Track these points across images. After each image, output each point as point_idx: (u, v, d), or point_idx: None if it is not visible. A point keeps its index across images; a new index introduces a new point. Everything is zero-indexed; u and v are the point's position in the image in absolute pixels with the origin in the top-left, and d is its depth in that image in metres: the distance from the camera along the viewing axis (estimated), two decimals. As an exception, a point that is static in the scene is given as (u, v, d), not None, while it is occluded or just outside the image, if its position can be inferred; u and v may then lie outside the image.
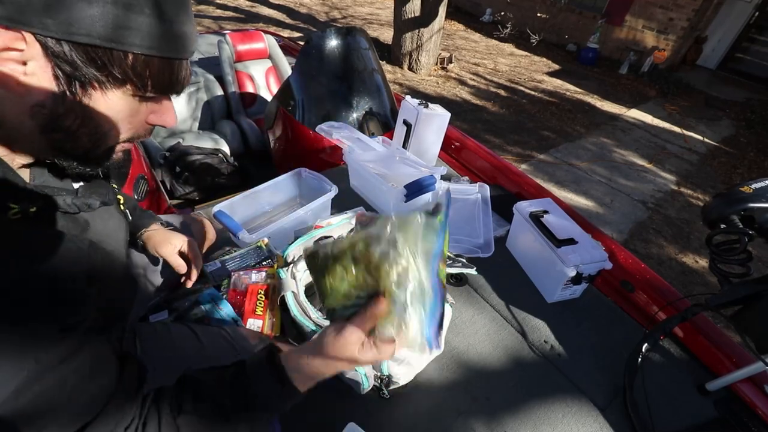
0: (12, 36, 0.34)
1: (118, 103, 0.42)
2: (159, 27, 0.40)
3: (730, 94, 6.16)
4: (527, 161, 3.65)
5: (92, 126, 0.42)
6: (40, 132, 0.40)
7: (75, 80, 0.38)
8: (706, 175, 3.95)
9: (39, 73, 0.37)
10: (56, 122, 0.40)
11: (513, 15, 7.27)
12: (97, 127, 0.43)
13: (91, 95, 0.40)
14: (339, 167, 1.58)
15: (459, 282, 1.14)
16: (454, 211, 1.34)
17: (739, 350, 1.02)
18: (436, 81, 5.03)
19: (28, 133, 0.40)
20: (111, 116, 0.43)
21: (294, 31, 5.76)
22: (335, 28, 1.82)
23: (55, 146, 0.42)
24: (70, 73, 0.38)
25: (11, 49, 0.35)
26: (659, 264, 2.69)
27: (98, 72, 0.39)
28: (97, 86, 0.40)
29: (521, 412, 0.88)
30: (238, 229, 1.05)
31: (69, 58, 0.37)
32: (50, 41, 0.36)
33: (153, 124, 0.48)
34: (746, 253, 0.80)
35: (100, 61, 0.38)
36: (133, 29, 0.38)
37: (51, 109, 0.39)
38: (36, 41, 0.36)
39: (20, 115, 0.39)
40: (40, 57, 0.37)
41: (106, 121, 0.43)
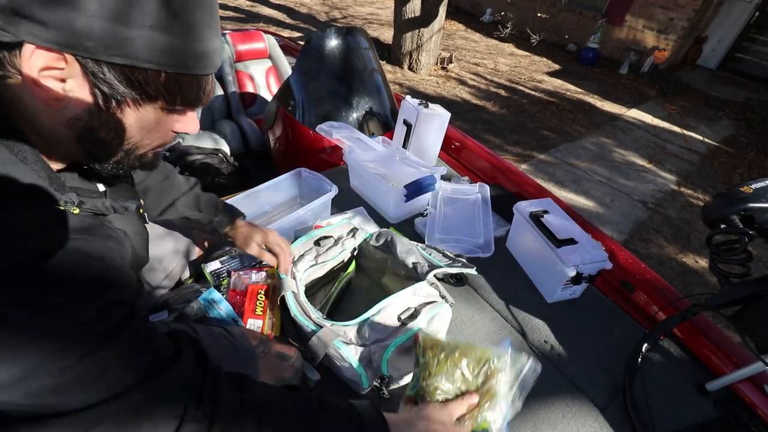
0: (54, 57, 0.37)
1: (148, 116, 0.45)
2: (190, 47, 0.42)
3: (730, 94, 6.16)
4: (527, 161, 3.65)
5: (124, 137, 0.46)
6: (76, 141, 0.44)
7: (111, 97, 0.41)
8: (706, 175, 3.95)
9: (77, 90, 0.40)
10: (91, 134, 0.43)
11: (513, 15, 7.27)
12: (129, 138, 0.46)
13: (124, 110, 0.43)
14: (339, 167, 1.58)
15: (459, 282, 1.14)
16: (454, 211, 1.34)
17: (739, 350, 1.01)
18: (436, 81, 5.03)
19: (64, 142, 0.43)
20: (141, 128, 0.46)
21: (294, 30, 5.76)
22: (335, 28, 1.82)
23: (89, 154, 0.46)
24: (107, 91, 0.41)
25: (52, 68, 0.38)
26: (659, 264, 2.69)
27: (133, 90, 0.42)
28: (131, 103, 0.43)
29: (521, 412, 0.88)
30: (238, 229, 1.05)
31: (106, 77, 0.40)
32: (90, 62, 0.38)
33: (178, 132, 0.52)
34: (746, 253, 0.80)
35: (136, 80, 0.41)
36: (168, 51, 0.41)
37: (86, 122, 0.42)
38: (76, 61, 0.38)
39: (57, 126, 0.42)
40: (79, 76, 0.39)
41: (137, 132, 0.46)
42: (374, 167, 1.35)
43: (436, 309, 0.90)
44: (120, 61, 0.39)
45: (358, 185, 1.47)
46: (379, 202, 1.39)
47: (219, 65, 0.48)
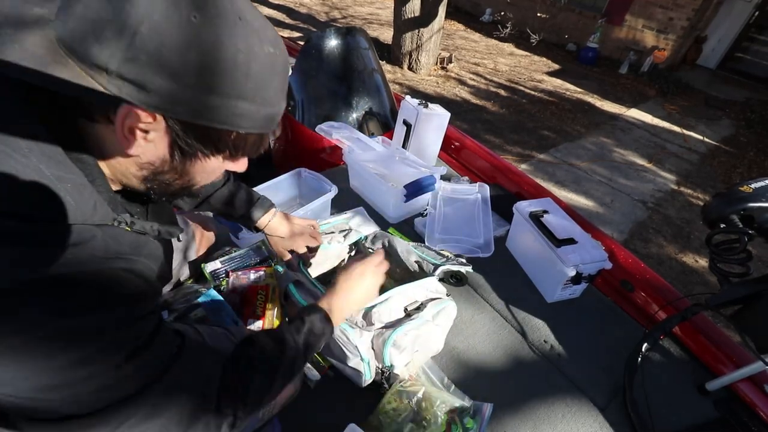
0: (146, 115, 0.41)
1: (212, 165, 0.51)
2: (263, 111, 0.47)
3: (730, 93, 6.16)
4: (527, 161, 3.65)
5: (185, 180, 0.51)
6: (142, 180, 0.49)
7: (185, 152, 0.46)
8: (706, 174, 3.95)
9: (157, 142, 0.44)
10: (157, 176, 0.49)
11: (513, 15, 7.27)
12: (189, 181, 0.52)
13: (193, 161, 0.48)
14: (339, 167, 1.58)
15: (459, 282, 1.14)
16: (454, 211, 1.35)
17: (739, 350, 1.02)
18: (436, 81, 5.03)
19: (131, 177, 0.49)
20: (203, 173, 0.52)
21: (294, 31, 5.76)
22: (335, 28, 1.82)
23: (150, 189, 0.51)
24: (183, 146, 0.45)
25: (141, 123, 0.42)
26: (659, 264, 2.69)
27: (205, 147, 0.47)
28: (201, 156, 0.48)
29: (521, 412, 0.88)
30: (238, 229, 1.05)
31: (186, 135, 0.44)
32: (175, 122, 0.43)
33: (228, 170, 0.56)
34: (746, 253, 0.80)
35: (210, 139, 0.46)
36: (244, 115, 0.45)
37: (158, 167, 0.47)
38: (163, 120, 0.42)
39: (130, 166, 0.47)
40: (161, 130, 0.44)
41: (198, 176, 0.52)
42: (374, 167, 1.35)
43: (443, 304, 0.90)
44: (202, 122, 0.43)
45: (357, 185, 1.47)
46: (378, 202, 1.39)
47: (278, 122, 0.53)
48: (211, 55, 0.40)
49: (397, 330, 0.81)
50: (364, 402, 0.83)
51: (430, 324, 0.87)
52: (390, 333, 0.81)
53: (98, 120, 0.42)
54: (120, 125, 0.41)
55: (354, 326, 0.82)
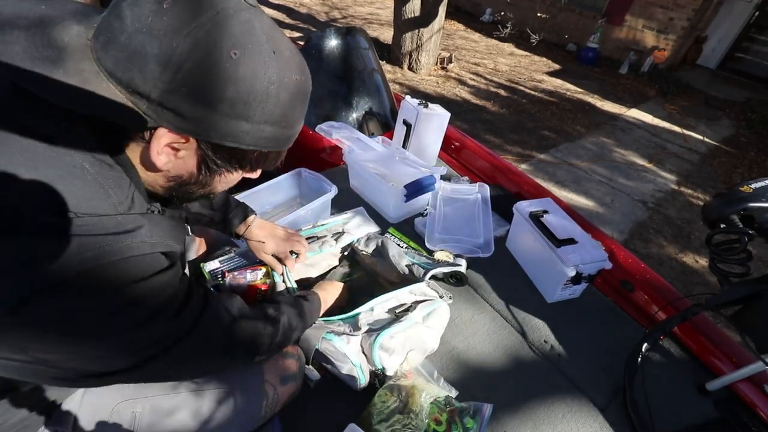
0: (179, 137, 0.44)
1: (233, 178, 0.55)
2: (286, 133, 0.50)
3: (730, 93, 6.15)
4: (527, 161, 3.65)
5: (207, 190, 0.55)
6: (167, 190, 0.52)
7: (212, 169, 0.50)
8: (707, 174, 3.95)
9: (186, 159, 0.48)
10: (183, 188, 0.53)
11: (513, 15, 7.26)
12: (210, 191, 0.56)
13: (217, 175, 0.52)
14: (339, 167, 1.58)
15: (459, 282, 1.14)
16: (454, 211, 1.34)
17: (739, 350, 1.01)
18: (436, 81, 5.03)
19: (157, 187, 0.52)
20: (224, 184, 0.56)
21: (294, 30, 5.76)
22: (335, 28, 1.82)
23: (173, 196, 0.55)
24: (210, 164, 0.49)
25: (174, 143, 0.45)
26: (659, 264, 2.69)
27: (230, 164, 0.50)
28: (225, 172, 0.52)
29: (521, 412, 0.88)
30: (238, 229, 1.05)
31: (214, 155, 0.48)
32: (205, 144, 0.46)
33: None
34: (746, 253, 0.80)
35: (235, 158, 0.50)
36: (269, 138, 0.48)
37: (185, 180, 0.51)
38: (194, 141, 0.46)
39: (159, 178, 0.50)
40: (192, 149, 0.47)
41: (219, 186, 0.56)
42: (374, 167, 1.35)
43: (434, 306, 0.90)
44: (230, 144, 0.46)
45: (358, 185, 1.47)
46: (379, 202, 1.39)
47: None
48: (246, 88, 0.43)
49: (383, 333, 0.82)
50: (364, 402, 0.82)
51: (420, 325, 0.87)
52: (376, 336, 0.81)
53: (133, 138, 0.45)
54: (155, 147, 0.44)
55: (340, 335, 0.82)
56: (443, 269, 1.01)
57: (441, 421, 0.79)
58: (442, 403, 0.82)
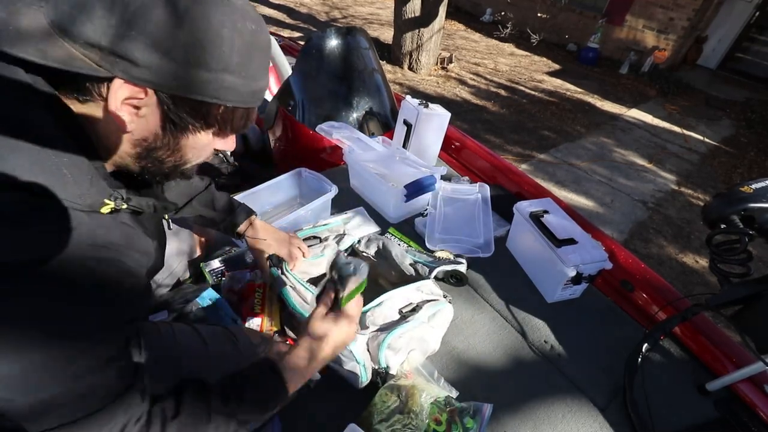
0: (137, 90, 0.43)
1: (201, 140, 0.52)
2: (249, 85, 0.49)
3: (730, 93, 6.15)
4: (527, 161, 3.65)
5: (177, 156, 0.52)
6: (136, 158, 0.50)
7: (177, 125, 0.48)
8: (707, 174, 3.95)
9: (149, 116, 0.46)
10: (151, 153, 0.50)
11: (513, 15, 7.26)
12: (182, 157, 0.53)
13: (184, 136, 0.50)
14: (339, 167, 1.58)
15: (459, 282, 1.14)
16: (454, 211, 1.34)
17: (739, 350, 1.01)
18: (436, 81, 5.03)
19: (125, 156, 0.50)
20: (194, 149, 0.53)
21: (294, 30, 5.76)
22: (335, 28, 1.82)
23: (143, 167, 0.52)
24: (175, 120, 0.47)
25: (133, 98, 0.43)
26: (659, 264, 2.69)
27: (196, 120, 0.48)
28: (192, 130, 0.49)
29: (521, 412, 0.88)
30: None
31: (177, 109, 0.46)
32: (166, 96, 0.44)
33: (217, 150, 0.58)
34: (746, 253, 0.80)
35: (200, 112, 0.47)
36: (231, 89, 0.47)
37: (150, 142, 0.49)
38: (154, 94, 0.44)
39: (124, 144, 0.48)
40: (153, 105, 0.45)
41: (189, 152, 0.53)
42: (374, 167, 1.35)
43: (438, 306, 0.90)
44: (191, 96, 0.45)
45: (358, 185, 1.47)
46: (379, 202, 1.39)
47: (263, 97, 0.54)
48: (199, 31, 0.42)
49: (392, 332, 0.82)
50: (364, 402, 0.82)
51: (425, 325, 0.88)
52: (385, 336, 0.81)
53: (92, 98, 0.43)
54: (113, 101, 0.42)
55: None
56: (446, 267, 1.01)
57: (441, 421, 0.79)
58: (442, 403, 0.82)
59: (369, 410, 0.79)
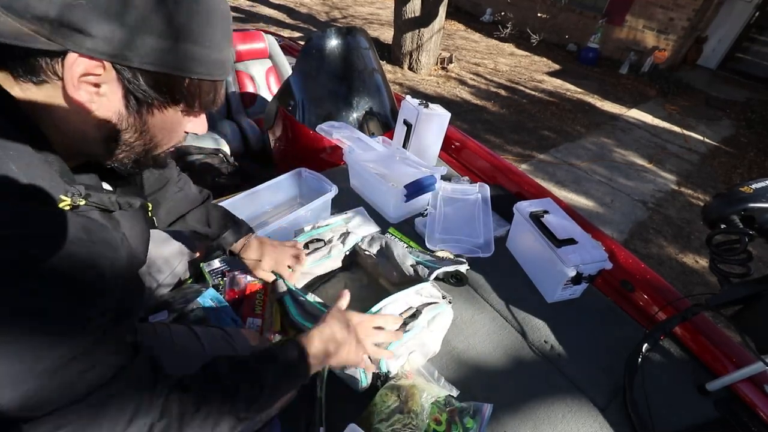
0: (94, 64, 0.40)
1: (169, 119, 0.49)
2: (211, 56, 0.47)
3: (730, 94, 6.15)
4: (527, 161, 3.65)
5: (147, 138, 0.50)
6: (102, 141, 0.47)
7: (140, 101, 0.45)
8: (707, 175, 3.95)
9: (110, 94, 0.43)
10: (117, 135, 0.47)
11: (513, 15, 7.26)
12: (151, 138, 0.50)
13: (150, 113, 0.47)
14: (339, 167, 1.58)
15: (459, 282, 1.14)
16: (454, 211, 1.34)
17: (739, 350, 1.01)
18: (436, 81, 5.03)
19: (91, 142, 0.47)
20: (162, 129, 0.50)
21: (294, 30, 5.76)
22: (335, 28, 1.82)
23: (111, 153, 0.49)
24: (138, 95, 0.44)
25: (90, 74, 0.41)
26: (659, 264, 2.69)
27: (160, 95, 0.46)
28: (157, 106, 0.47)
29: (521, 412, 0.88)
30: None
31: (138, 83, 0.43)
32: (125, 69, 0.42)
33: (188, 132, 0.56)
34: (746, 253, 0.80)
35: (163, 86, 0.45)
36: (194, 59, 0.45)
37: (115, 123, 0.46)
38: (113, 68, 0.42)
39: (87, 127, 0.45)
40: (113, 81, 0.43)
41: (158, 133, 0.50)
42: (374, 167, 1.35)
43: (438, 309, 0.90)
44: (152, 68, 0.43)
45: (358, 185, 1.47)
46: (379, 202, 1.39)
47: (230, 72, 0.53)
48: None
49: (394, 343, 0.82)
50: (364, 402, 0.82)
51: (426, 330, 0.88)
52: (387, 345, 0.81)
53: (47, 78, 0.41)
54: (69, 78, 0.40)
55: None
56: (447, 268, 1.01)
57: (441, 421, 0.79)
58: (442, 403, 0.82)
59: (369, 410, 0.79)
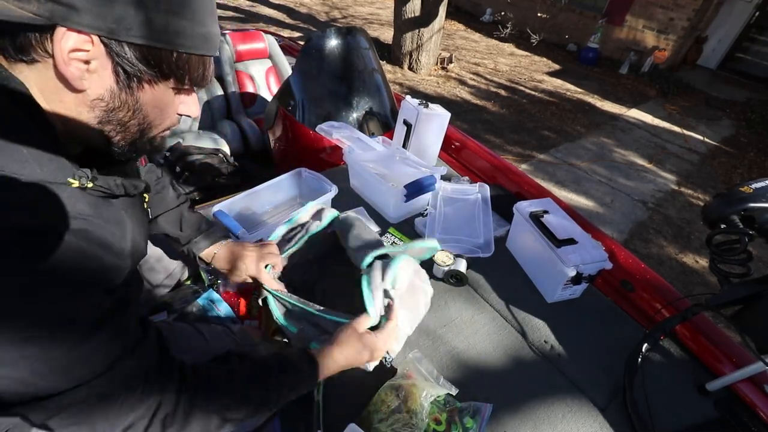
0: (82, 39, 0.41)
1: (161, 95, 0.50)
2: (197, 30, 0.47)
3: (730, 94, 6.15)
4: (527, 161, 3.65)
5: (140, 117, 0.50)
6: (97, 123, 0.47)
7: (131, 76, 0.46)
8: (707, 175, 3.95)
9: (100, 70, 0.44)
10: (111, 114, 0.47)
11: (513, 15, 7.26)
12: (145, 118, 0.50)
13: (141, 89, 0.48)
14: (339, 167, 1.58)
15: (459, 282, 1.14)
16: (455, 211, 1.34)
17: (739, 350, 1.01)
18: (436, 81, 5.03)
19: (86, 125, 0.47)
20: (155, 107, 0.51)
21: (294, 30, 5.76)
22: (335, 28, 1.82)
23: (107, 136, 0.49)
24: (128, 69, 0.45)
25: (79, 50, 0.41)
26: (659, 264, 2.69)
27: (150, 69, 0.46)
28: (148, 81, 0.47)
29: (521, 412, 0.88)
30: (238, 229, 1.05)
31: (128, 57, 0.44)
32: (113, 43, 0.43)
33: (181, 114, 0.56)
34: (746, 253, 0.80)
35: (153, 59, 0.46)
36: (179, 32, 0.46)
37: (108, 102, 0.46)
38: (101, 43, 0.42)
39: (81, 108, 0.46)
40: (103, 56, 0.43)
41: (151, 112, 0.51)
42: (374, 167, 1.35)
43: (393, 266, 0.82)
44: (140, 41, 0.43)
45: (358, 185, 1.47)
46: (379, 202, 1.39)
47: (218, 48, 0.53)
48: None
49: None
50: (365, 402, 0.83)
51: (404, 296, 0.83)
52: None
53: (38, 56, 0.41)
54: (59, 54, 0.41)
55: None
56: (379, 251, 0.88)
57: (441, 420, 0.79)
58: (441, 403, 0.82)
59: (369, 410, 0.79)
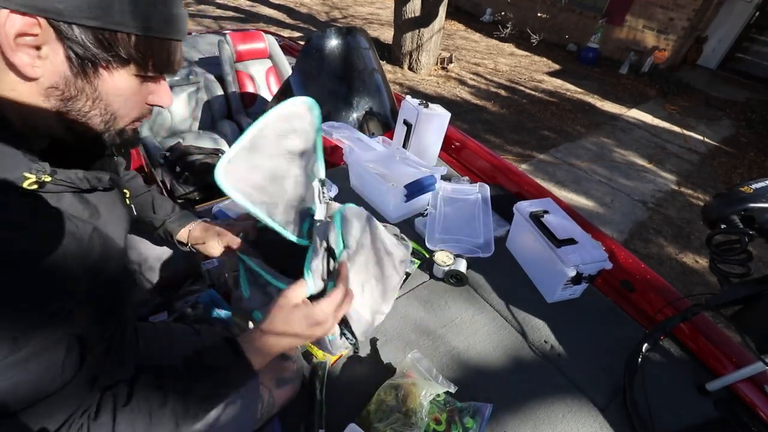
0: (29, 22, 0.38)
1: (123, 83, 0.46)
2: (156, 10, 0.44)
3: (730, 94, 6.15)
4: (527, 161, 3.65)
5: (102, 107, 0.46)
6: (56, 114, 0.44)
7: (85, 61, 0.42)
8: (707, 175, 3.95)
9: (52, 56, 0.41)
10: (69, 104, 0.44)
11: (513, 15, 7.26)
12: (107, 107, 0.47)
13: (99, 75, 0.44)
14: (339, 167, 1.58)
15: (459, 282, 1.14)
16: (455, 211, 1.34)
17: (739, 350, 1.01)
18: (436, 81, 5.03)
19: (45, 117, 0.44)
20: (117, 96, 0.47)
21: (294, 30, 5.76)
22: (335, 28, 1.82)
23: (69, 128, 0.46)
24: (81, 54, 0.42)
25: (27, 34, 0.38)
26: (659, 264, 2.69)
27: (105, 53, 0.43)
28: (105, 66, 0.44)
29: (521, 412, 0.88)
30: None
31: (79, 40, 0.41)
32: (63, 25, 0.39)
33: (152, 105, 0.53)
34: (746, 253, 0.80)
35: (107, 42, 0.42)
36: (135, 13, 0.42)
37: (63, 90, 0.43)
38: (50, 26, 0.39)
39: (37, 98, 0.43)
40: (53, 41, 0.40)
41: (114, 100, 0.47)
42: (374, 167, 1.35)
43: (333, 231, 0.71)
44: (91, 23, 0.40)
45: (358, 185, 1.47)
46: (379, 202, 1.39)
47: (185, 33, 0.50)
48: None
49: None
50: (364, 401, 0.83)
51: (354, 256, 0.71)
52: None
53: None
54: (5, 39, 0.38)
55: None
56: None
57: (441, 420, 0.79)
58: (441, 403, 0.82)
59: (368, 409, 0.79)
